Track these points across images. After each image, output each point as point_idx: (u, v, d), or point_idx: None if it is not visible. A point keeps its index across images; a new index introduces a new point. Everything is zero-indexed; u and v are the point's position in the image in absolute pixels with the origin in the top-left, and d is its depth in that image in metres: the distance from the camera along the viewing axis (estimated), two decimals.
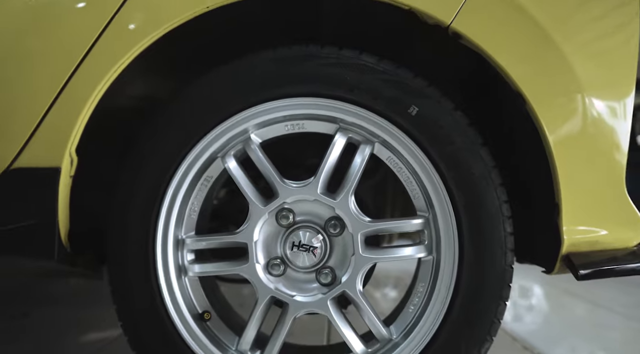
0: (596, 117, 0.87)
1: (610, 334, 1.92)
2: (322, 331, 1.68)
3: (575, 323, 2.09)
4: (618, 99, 0.89)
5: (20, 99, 0.87)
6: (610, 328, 2.01)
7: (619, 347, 1.73)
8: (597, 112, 0.87)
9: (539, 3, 0.85)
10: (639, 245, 0.95)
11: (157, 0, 0.85)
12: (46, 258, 0.88)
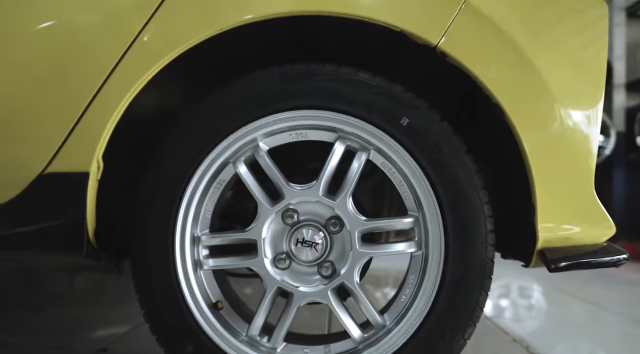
0: (568, 125, 0.97)
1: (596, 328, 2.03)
2: (322, 327, 1.79)
3: (564, 318, 2.19)
4: (588, 108, 1.00)
5: (54, 110, 0.97)
6: (596, 322, 2.11)
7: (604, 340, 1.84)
8: (568, 121, 0.97)
9: (514, 24, 0.96)
10: (607, 241, 1.06)
11: (175, 23, 0.96)
12: (76, 253, 0.99)
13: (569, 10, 1.04)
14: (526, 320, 2.05)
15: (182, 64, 0.98)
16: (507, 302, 2.45)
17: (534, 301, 2.52)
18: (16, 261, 1.16)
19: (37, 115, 0.97)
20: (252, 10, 0.94)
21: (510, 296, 2.65)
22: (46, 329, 1.59)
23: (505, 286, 2.90)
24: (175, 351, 0.98)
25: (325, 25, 1.00)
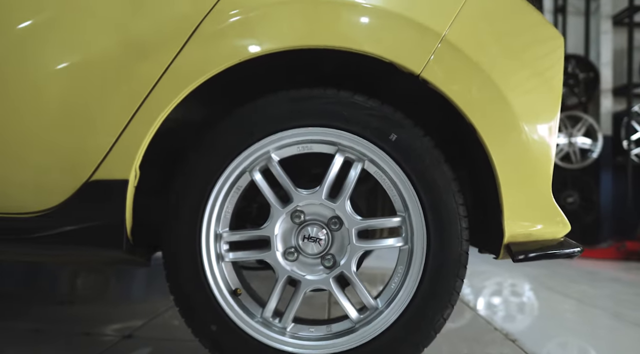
0: (529, 139, 1.16)
1: (575, 319, 2.22)
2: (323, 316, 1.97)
3: (547, 311, 2.37)
4: (546, 123, 1.19)
5: (100, 127, 1.15)
6: (576, 315, 2.30)
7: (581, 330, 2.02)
8: (529, 136, 1.16)
9: (483, 55, 1.15)
10: (565, 237, 1.25)
11: (201, 55, 1.14)
12: (116, 249, 1.17)
13: (530, 42, 1.23)
14: (511, 313, 2.23)
15: (208, 87, 1.17)
16: (494, 296, 2.64)
17: (519, 296, 2.70)
18: (66, 255, 1.34)
19: (86, 131, 1.15)
20: (265, 45, 1.13)
21: (499, 291, 2.83)
22: (76, 319, 1.77)
23: (497, 283, 3.09)
24: (201, 330, 1.17)
25: (329, 55, 1.18)
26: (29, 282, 2.51)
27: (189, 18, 1.13)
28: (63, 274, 2.63)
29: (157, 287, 2.46)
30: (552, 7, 6.28)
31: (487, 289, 2.82)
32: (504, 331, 1.84)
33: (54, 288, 2.40)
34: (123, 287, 2.48)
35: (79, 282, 2.53)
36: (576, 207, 5.80)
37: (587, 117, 5.83)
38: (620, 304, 2.53)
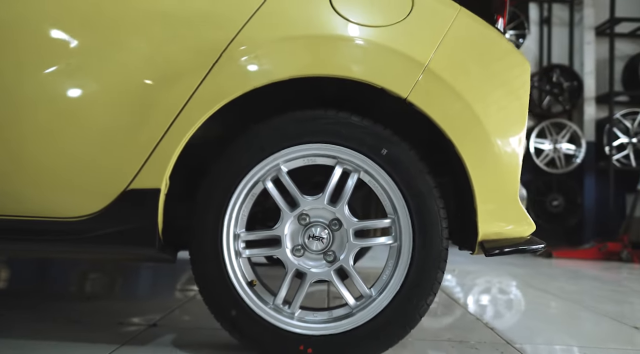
0: (499, 152, 1.36)
1: (548, 311, 2.41)
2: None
3: (525, 305, 2.57)
4: (514, 137, 1.39)
5: (137, 143, 1.34)
6: (550, 307, 2.50)
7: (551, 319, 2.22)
8: (499, 149, 1.36)
9: (460, 81, 1.35)
10: (531, 235, 1.45)
11: (221, 82, 1.34)
12: (150, 248, 1.36)
13: (500, 68, 1.44)
14: (493, 306, 2.43)
15: (228, 109, 1.36)
16: (480, 291, 2.83)
17: (502, 291, 2.89)
18: (108, 253, 1.53)
19: (125, 147, 1.34)
20: (273, 75, 1.32)
21: (485, 287, 3.03)
22: (105, 312, 1.95)
23: (485, 281, 3.29)
24: (223, 315, 1.36)
25: (329, 81, 1.38)
26: (52, 280, 2.70)
27: (209, 53, 1.33)
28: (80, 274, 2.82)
29: (165, 286, 2.65)
30: (537, 18, 6.51)
31: (474, 286, 3.01)
32: (484, 321, 2.04)
33: (80, 285, 2.59)
34: (135, 285, 2.67)
35: (97, 281, 2.72)
36: (561, 210, 6.01)
37: (571, 124, 6.05)
38: (594, 299, 2.73)
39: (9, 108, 1.33)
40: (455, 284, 3.08)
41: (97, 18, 1.36)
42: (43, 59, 1.34)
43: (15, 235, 1.38)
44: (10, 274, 2.89)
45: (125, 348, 1.48)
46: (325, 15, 1.36)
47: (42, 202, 1.38)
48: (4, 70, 1.34)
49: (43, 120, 1.34)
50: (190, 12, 1.36)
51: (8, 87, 1.34)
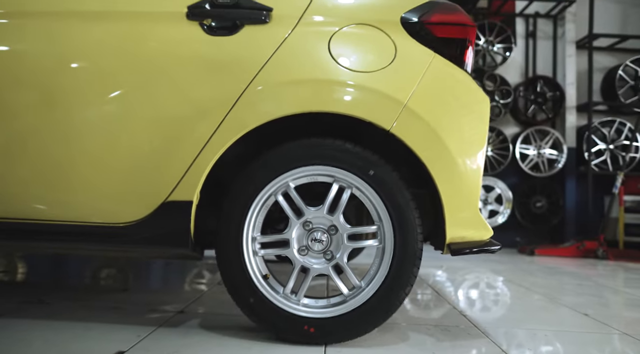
0: (462, 171, 1.67)
1: (517, 303, 2.72)
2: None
3: (500, 297, 2.88)
4: (474, 157, 1.70)
5: (174, 163, 1.65)
6: (519, 299, 2.81)
7: (517, 309, 2.53)
8: (462, 168, 1.67)
9: (431, 116, 1.65)
10: (490, 238, 1.76)
11: (241, 117, 1.64)
12: (185, 248, 1.67)
13: (464, 104, 1.74)
14: (469, 297, 2.73)
15: (249, 136, 1.67)
16: (460, 284, 3.14)
17: (480, 285, 3.20)
18: (151, 252, 1.83)
19: (166, 167, 1.65)
20: (283, 111, 1.63)
21: (464, 281, 3.33)
22: (137, 301, 2.26)
23: (467, 276, 3.59)
24: (242, 301, 1.67)
25: (328, 114, 1.69)
26: (82, 275, 3.01)
27: (233, 93, 1.64)
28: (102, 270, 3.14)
29: (179, 280, 2.96)
30: (524, 32, 6.82)
31: (458, 281, 3.32)
32: (459, 309, 2.35)
33: (109, 280, 2.90)
34: (154, 279, 2.98)
35: (119, 276, 3.03)
36: (544, 211, 6.33)
37: (554, 131, 6.36)
38: (560, 292, 3.04)
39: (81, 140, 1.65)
40: (443, 279, 3.39)
41: (142, 68, 1.67)
42: (102, 99, 1.65)
43: (76, 237, 1.69)
44: (42, 269, 3.20)
45: (162, 329, 1.80)
46: (325, 63, 1.67)
47: (97, 212, 1.69)
48: (64, 108, 1.66)
49: (97, 148, 1.66)
50: (217, 60, 1.67)
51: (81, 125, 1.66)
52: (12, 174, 1.67)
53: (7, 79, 1.68)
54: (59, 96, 1.68)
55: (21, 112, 1.67)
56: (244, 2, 1.72)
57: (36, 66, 1.69)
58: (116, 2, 1.76)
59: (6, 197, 1.68)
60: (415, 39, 1.75)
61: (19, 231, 1.70)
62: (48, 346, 1.55)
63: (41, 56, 1.70)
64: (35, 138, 1.67)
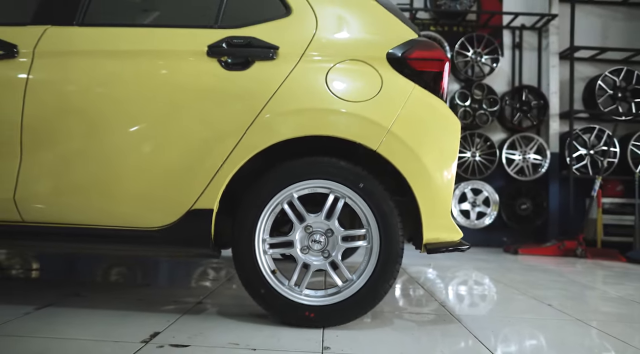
0: (437, 184, 2.00)
1: (495, 296, 3.05)
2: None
3: (477, 290, 3.21)
4: (446, 174, 2.03)
5: (198, 177, 1.97)
6: (497, 294, 3.14)
7: (493, 300, 2.86)
8: (437, 182, 2.00)
9: (410, 138, 1.98)
10: (461, 239, 2.10)
11: (254, 138, 1.97)
12: (206, 248, 2.00)
13: (439, 127, 2.07)
14: (449, 289, 3.06)
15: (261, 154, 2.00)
16: (443, 280, 3.47)
17: (462, 280, 3.53)
18: (178, 252, 2.16)
19: (191, 180, 1.98)
20: (288, 134, 1.96)
21: (449, 277, 3.66)
22: (161, 294, 2.58)
23: (452, 272, 3.92)
24: (255, 292, 1.99)
25: (326, 137, 2.01)
26: (109, 274, 3.33)
27: (246, 120, 1.97)
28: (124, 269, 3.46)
29: (188, 278, 3.29)
30: (510, 44, 7.15)
31: (442, 276, 3.65)
32: (440, 300, 2.68)
33: (133, 276, 3.23)
34: (168, 276, 3.31)
35: (143, 274, 3.36)
36: (529, 212, 6.66)
37: (538, 137, 6.69)
38: (532, 286, 3.37)
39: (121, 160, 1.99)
40: (433, 276, 3.72)
41: (170, 97, 1.99)
42: (137, 124, 1.98)
43: (117, 239, 2.02)
44: (65, 267, 3.52)
45: (186, 316, 2.12)
46: (323, 94, 2.00)
47: (135, 218, 2.01)
48: (106, 133, 1.98)
49: (135, 166, 1.98)
50: (233, 92, 1.99)
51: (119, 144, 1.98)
52: (66, 187, 2.00)
53: (59, 109, 2.01)
54: (101, 122, 2.00)
55: (72, 136, 2.00)
56: (255, 42, 2.05)
57: (81, 97, 2.02)
58: (147, 42, 2.09)
59: (61, 207, 2.01)
60: (398, 72, 2.08)
61: (71, 235, 2.02)
62: (95, 329, 1.87)
63: (85, 89, 2.03)
64: (83, 158, 1.99)
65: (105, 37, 2.10)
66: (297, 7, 2.14)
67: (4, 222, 2.05)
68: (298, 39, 2.09)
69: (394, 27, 2.18)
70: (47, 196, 2.02)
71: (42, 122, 2.01)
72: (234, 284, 2.90)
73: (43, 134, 2.01)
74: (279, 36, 2.08)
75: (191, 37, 2.09)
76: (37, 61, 2.05)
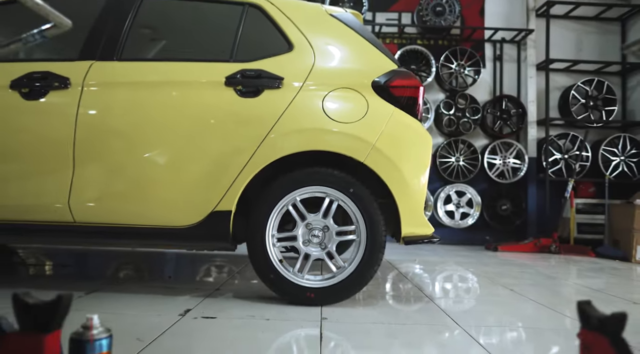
0: (412, 189, 2.46)
1: (470, 286, 3.52)
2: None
3: (454, 279, 3.67)
4: (420, 180, 2.49)
5: (219, 184, 2.42)
6: (471, 284, 3.60)
7: (467, 289, 3.32)
8: (413, 186, 2.47)
9: (391, 153, 2.44)
10: (432, 233, 2.56)
11: (265, 152, 2.42)
12: (225, 242, 2.45)
13: (414, 142, 2.54)
14: (428, 277, 3.52)
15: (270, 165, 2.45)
16: (425, 271, 3.92)
17: (442, 271, 3.98)
18: (202, 246, 2.60)
19: (214, 186, 2.43)
20: (291, 149, 2.42)
21: (430, 269, 4.12)
22: (182, 283, 3.03)
23: (433, 265, 4.38)
24: (266, 277, 2.45)
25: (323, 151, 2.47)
26: (136, 269, 3.77)
27: (257, 139, 2.42)
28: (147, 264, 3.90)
29: (206, 271, 3.73)
30: (492, 56, 7.64)
31: (425, 269, 4.11)
32: (418, 286, 3.14)
33: (154, 270, 3.67)
34: (187, 270, 3.76)
35: (161, 268, 3.80)
36: (509, 213, 7.14)
37: (517, 143, 7.18)
38: (501, 276, 3.84)
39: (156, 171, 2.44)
40: (416, 269, 4.18)
41: (195, 119, 2.44)
42: (169, 142, 2.43)
43: (153, 236, 2.47)
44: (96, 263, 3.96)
45: (209, 298, 2.57)
46: (320, 116, 2.46)
47: (167, 219, 2.46)
48: (143, 149, 2.43)
49: (167, 176, 2.43)
50: (246, 115, 2.45)
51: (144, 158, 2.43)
52: (110, 194, 2.45)
53: (104, 129, 2.46)
54: (138, 140, 2.45)
55: (114, 152, 2.45)
56: (264, 73, 2.51)
57: (121, 120, 2.47)
58: (175, 73, 2.54)
59: (106, 210, 2.45)
60: (381, 98, 2.54)
61: (114, 233, 2.47)
62: (138, 307, 2.32)
63: (124, 113, 2.48)
64: (124, 170, 2.44)
65: (140, 70, 2.56)
66: (298, 44, 2.60)
67: (60, 223, 2.49)
68: (299, 71, 2.55)
69: (377, 58, 2.64)
70: (94, 201, 2.47)
71: (90, 141, 2.46)
72: (242, 277, 3.34)
73: (91, 150, 2.46)
74: (283, 68, 2.54)
75: (212, 69, 2.54)
76: (86, 91, 2.50)
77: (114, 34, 2.63)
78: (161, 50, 2.82)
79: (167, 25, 2.90)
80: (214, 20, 2.82)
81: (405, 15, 7.59)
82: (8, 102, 2.48)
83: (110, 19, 2.67)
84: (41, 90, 2.49)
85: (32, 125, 2.47)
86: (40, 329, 0.81)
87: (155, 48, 2.82)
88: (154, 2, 2.77)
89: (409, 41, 7.50)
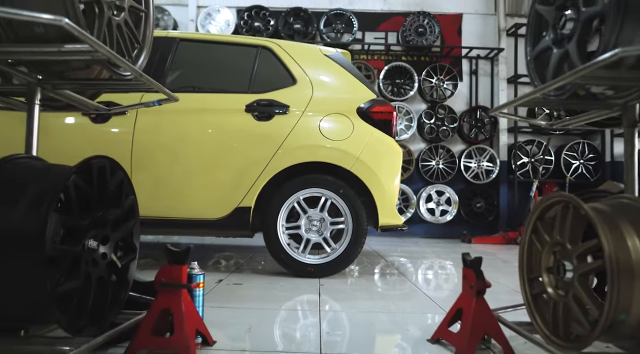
0: (387, 189, 3.23)
1: (436, 268, 4.28)
2: None
3: (426, 264, 4.43)
4: (393, 182, 3.26)
5: (242, 186, 3.17)
6: (438, 266, 4.37)
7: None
8: (387, 187, 3.23)
9: (373, 163, 3.21)
10: (403, 223, 3.32)
11: (276, 163, 3.18)
12: (246, 230, 3.20)
13: (390, 154, 3.30)
14: (405, 262, 4.27)
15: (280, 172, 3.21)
16: (404, 258, 4.67)
17: (419, 258, 4.73)
18: (230, 234, 3.34)
19: (237, 187, 3.18)
20: (294, 161, 3.17)
21: (409, 256, 4.87)
22: (207, 265, 3.77)
23: (413, 253, 5.15)
24: (278, 256, 3.20)
25: (320, 162, 3.23)
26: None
27: (270, 153, 3.18)
28: None
29: (224, 257, 4.48)
30: (468, 70, 8.42)
31: (405, 256, 4.87)
32: (396, 266, 3.90)
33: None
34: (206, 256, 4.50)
35: None
36: (483, 210, 7.93)
37: (490, 148, 7.96)
38: None
39: (193, 178, 3.19)
40: (396, 256, 4.94)
41: (222, 139, 3.20)
42: (202, 156, 3.19)
43: (191, 226, 3.22)
44: None
45: (234, 273, 3.32)
46: (317, 136, 3.22)
47: (202, 213, 3.21)
48: (183, 161, 3.18)
49: (202, 182, 3.18)
50: (261, 135, 3.21)
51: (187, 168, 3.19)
52: (159, 194, 3.19)
53: (153, 146, 3.20)
54: (179, 154, 3.20)
55: (162, 163, 3.19)
56: (274, 102, 3.26)
57: (166, 138, 3.21)
58: (207, 102, 3.29)
59: (156, 206, 3.19)
60: (364, 120, 3.31)
61: (163, 224, 3.21)
62: None
63: (169, 133, 3.22)
64: (169, 176, 3.19)
65: (181, 99, 3.30)
66: (300, 79, 3.36)
67: None
68: (301, 100, 3.30)
69: (361, 90, 3.41)
70: (147, 199, 3.21)
71: (143, 154, 3.20)
72: (253, 261, 4.10)
73: (144, 161, 3.20)
74: (289, 98, 3.29)
75: (235, 99, 3.29)
76: (139, 116, 3.24)
77: (157, 71, 3.37)
78: (196, 83, 3.57)
79: (198, 63, 3.65)
80: (235, 60, 3.57)
81: (391, 34, 8.36)
82: (86, 126, 3.23)
83: (155, 59, 3.41)
84: (106, 116, 3.24)
85: (100, 143, 3.22)
86: (181, 262, 1.57)
87: (191, 82, 3.56)
88: (186, 45, 3.51)
89: (394, 58, 8.27)
